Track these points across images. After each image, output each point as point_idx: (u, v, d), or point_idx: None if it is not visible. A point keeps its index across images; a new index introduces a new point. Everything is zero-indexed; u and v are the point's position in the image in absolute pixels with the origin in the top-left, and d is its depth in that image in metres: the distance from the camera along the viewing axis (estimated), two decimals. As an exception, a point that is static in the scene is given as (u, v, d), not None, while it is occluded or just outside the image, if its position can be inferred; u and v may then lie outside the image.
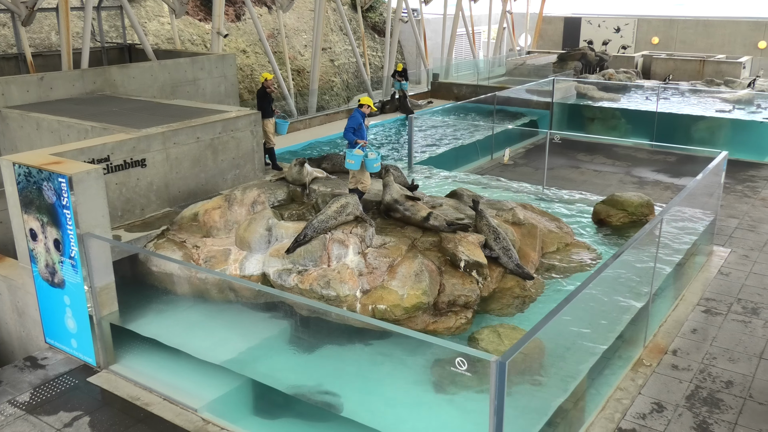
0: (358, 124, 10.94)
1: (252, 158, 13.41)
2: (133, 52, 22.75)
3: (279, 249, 9.67)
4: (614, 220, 12.70)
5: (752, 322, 10.01)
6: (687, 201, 10.81)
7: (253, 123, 13.40)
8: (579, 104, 24.90)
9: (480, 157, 20.03)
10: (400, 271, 9.15)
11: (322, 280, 9.12)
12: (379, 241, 9.78)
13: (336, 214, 9.75)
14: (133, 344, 8.97)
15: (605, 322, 8.62)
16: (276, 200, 11.00)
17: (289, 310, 8.83)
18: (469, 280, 9.41)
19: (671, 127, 21.86)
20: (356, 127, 10.93)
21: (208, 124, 12.57)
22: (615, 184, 17.32)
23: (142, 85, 17.47)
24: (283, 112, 22.28)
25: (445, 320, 9.09)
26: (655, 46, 36.42)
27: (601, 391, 8.23)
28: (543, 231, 11.39)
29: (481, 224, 10.26)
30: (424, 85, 30.73)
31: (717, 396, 8.24)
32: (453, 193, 12.50)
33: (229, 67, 19.68)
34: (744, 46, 34.42)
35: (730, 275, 11.61)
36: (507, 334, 8.42)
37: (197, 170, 12.38)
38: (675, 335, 9.62)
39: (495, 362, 5.47)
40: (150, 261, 10.15)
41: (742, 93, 23.71)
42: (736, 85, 26.55)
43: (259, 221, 10.09)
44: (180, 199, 12.08)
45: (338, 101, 32.93)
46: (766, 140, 19.91)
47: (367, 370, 8.30)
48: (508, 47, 40.33)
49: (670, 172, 18.56)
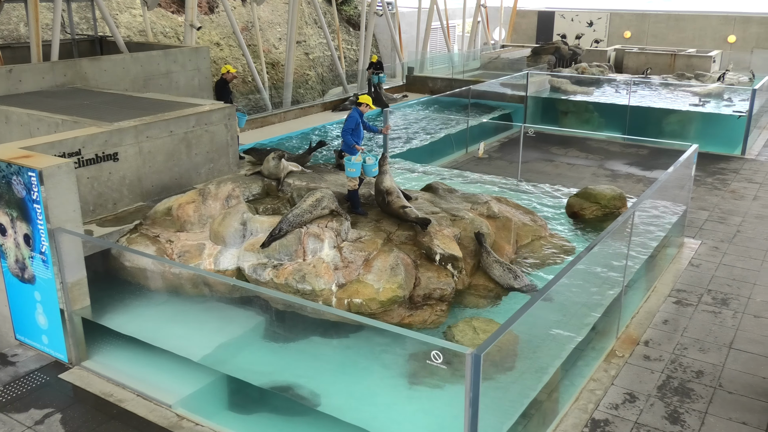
0: (356, 124, 10.42)
1: (226, 152, 13.31)
2: (104, 45, 22.43)
3: (254, 243, 9.61)
4: (587, 212, 12.80)
5: (722, 312, 10.15)
6: (658, 194, 10.92)
7: (228, 116, 13.29)
8: (553, 98, 25.01)
9: (455, 151, 20.07)
10: (376, 265, 9.15)
11: (297, 275, 9.08)
12: (355, 234, 9.76)
13: (311, 207, 9.71)
14: (105, 340, 8.88)
15: (579, 313, 8.68)
16: (251, 194, 10.93)
17: (264, 304, 8.80)
18: (444, 274, 9.43)
19: (643, 121, 22.05)
20: (354, 127, 10.40)
21: (181, 117, 12.45)
22: (588, 177, 17.45)
23: (113, 77, 17.24)
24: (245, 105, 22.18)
25: (420, 314, 9.11)
26: (627, 40, 36.70)
27: (575, 382, 8.30)
28: (517, 224, 11.44)
29: (488, 260, 10.06)
30: (399, 79, 30.68)
31: (688, 386, 8.34)
32: (428, 187, 12.50)
33: (203, 60, 19.49)
34: (714, 41, 34.81)
35: (701, 267, 11.76)
36: (482, 327, 8.46)
37: (171, 164, 12.26)
38: (647, 326, 9.72)
39: (470, 355, 5.50)
40: (123, 256, 10.05)
41: (712, 87, 23.97)
42: (706, 79, 26.84)
43: (234, 215, 10.03)
44: (153, 193, 11.96)
45: (313, 95, 32.79)
46: (736, 133, 20.16)
47: (343, 363, 8.29)
48: (483, 41, 40.40)
49: (642, 165, 18.74)
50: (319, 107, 24.71)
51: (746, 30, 34.05)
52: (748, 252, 12.42)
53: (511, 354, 7.37)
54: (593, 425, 7.64)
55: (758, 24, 33.77)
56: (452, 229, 10.26)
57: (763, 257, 12.18)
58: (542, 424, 7.57)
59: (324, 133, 21.33)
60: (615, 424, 7.65)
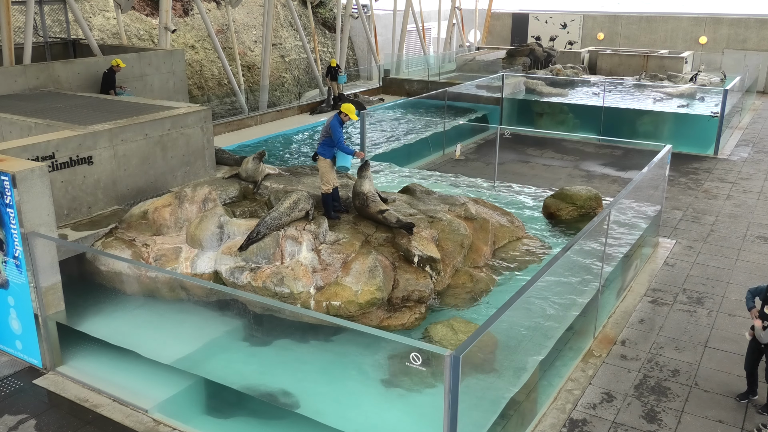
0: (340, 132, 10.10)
1: (202, 155, 13.21)
2: (77, 48, 22.17)
3: (231, 246, 9.55)
4: (564, 213, 12.88)
5: (697, 311, 10.25)
6: (633, 194, 11.01)
7: (203, 119, 13.19)
8: (528, 99, 25.15)
9: (432, 153, 20.09)
10: (354, 267, 9.12)
11: (275, 277, 9.03)
12: (333, 237, 9.73)
13: (288, 210, 9.66)
14: (81, 345, 8.78)
15: (556, 314, 8.72)
16: (227, 197, 10.86)
17: (242, 308, 8.75)
18: (422, 275, 9.43)
19: (617, 122, 22.25)
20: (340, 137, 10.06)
21: (156, 120, 12.33)
22: (564, 178, 17.56)
23: (87, 80, 17.05)
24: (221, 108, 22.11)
25: (399, 316, 9.10)
26: (600, 41, 37.04)
27: (553, 382, 8.33)
28: (495, 225, 11.47)
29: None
30: (375, 81, 30.68)
31: (664, 384, 8.41)
32: (406, 189, 12.49)
33: (178, 62, 19.34)
34: (685, 42, 35.24)
35: (676, 266, 11.87)
36: (460, 329, 8.46)
37: (146, 167, 12.14)
38: (624, 326, 9.79)
39: (449, 356, 5.49)
40: (98, 260, 9.93)
41: (684, 87, 24.24)
42: (678, 80, 27.15)
43: (211, 218, 9.96)
44: (128, 196, 11.84)
45: (289, 97, 32.67)
46: (708, 133, 20.40)
47: (322, 366, 8.26)
48: (458, 43, 40.53)
49: (617, 166, 18.90)
50: (296, 110, 24.64)
51: (717, 31, 34.51)
52: (721, 251, 12.57)
53: (490, 355, 7.38)
54: (571, 425, 7.67)
55: (728, 25, 34.24)
56: (430, 230, 10.26)
57: (737, 256, 12.33)
58: (521, 424, 7.58)
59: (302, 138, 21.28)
60: (593, 424, 7.69)
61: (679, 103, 22.94)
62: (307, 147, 20.19)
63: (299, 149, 19.97)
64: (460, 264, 10.28)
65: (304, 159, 18.67)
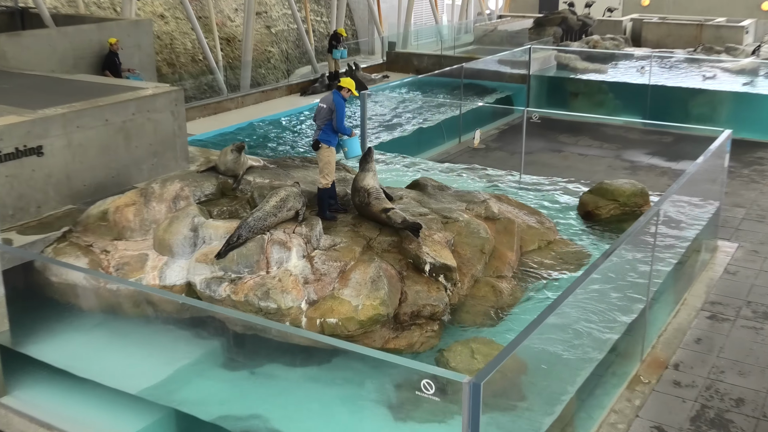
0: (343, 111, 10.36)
1: (173, 144, 13.20)
2: (26, 18, 22.23)
3: (207, 253, 9.52)
4: (604, 212, 12.83)
5: (764, 328, 10.17)
6: (686, 188, 10.92)
7: (174, 102, 13.18)
8: (560, 77, 25.13)
9: (446, 141, 20.08)
10: (354, 278, 9.08)
11: (259, 290, 9.00)
12: (329, 241, 9.69)
13: (275, 209, 9.63)
14: (28, 372, 8.76)
15: (596, 332, 8.66)
16: (203, 194, 10.85)
17: (220, 326, 8.72)
18: (435, 287, 9.38)
19: (667, 103, 22.19)
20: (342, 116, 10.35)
21: (119, 103, 12.33)
22: (603, 170, 17.51)
23: (37, 56, 17.07)
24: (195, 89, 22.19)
25: (408, 335, 9.05)
26: (645, 8, 36.98)
27: (593, 414, 8.26)
28: (521, 227, 11.43)
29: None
30: (378, 56, 30.69)
31: (726, 416, 8.33)
32: (415, 184, 12.46)
33: (144, 35, 19.36)
34: (747, 8, 35.17)
35: (738, 274, 11.79)
36: (481, 350, 8.42)
37: (106, 159, 12.13)
38: (676, 346, 9.72)
39: (468, 383, 5.45)
40: (49, 269, 9.91)
41: (745, 62, 24.18)
42: (738, 53, 27.08)
43: (183, 220, 9.94)
44: (85, 194, 11.83)
45: (276, 75, 32.69)
46: (775, 117, 20.35)
47: (315, 395, 8.23)
48: (477, 11, 40.52)
49: (666, 155, 18.83)
50: (284, 90, 24.66)
51: (784, -4, 34.41)
52: (792, 256, 12.49)
53: (517, 382, 7.33)
54: (615, 465, 7.60)
55: (798, -11, 34.15)
56: (444, 233, 10.21)
57: (810, 262, 12.25)
58: (555, 464, 7.52)
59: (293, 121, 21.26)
60: (641, 464, 7.62)
61: (739, 80, 22.85)
62: (297, 134, 20.18)
63: (288, 137, 19.96)
64: (480, 273, 10.21)
65: (295, 148, 18.66)
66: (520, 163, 16.02)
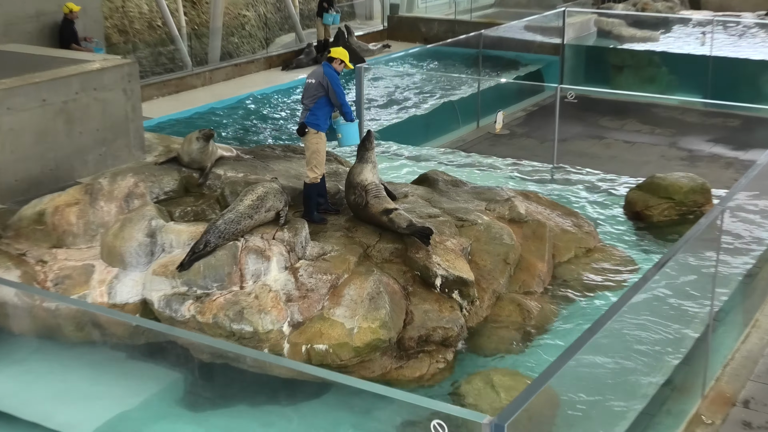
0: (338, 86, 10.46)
1: (126, 130, 13.19)
2: (-56, -25, 22.27)
3: (167, 264, 9.53)
4: (656, 212, 12.88)
5: None
6: (757, 184, 10.92)
7: (127, 78, 13.16)
8: (601, 47, 25.15)
9: (461, 126, 20.06)
10: (348, 294, 9.10)
11: (231, 310, 9.01)
12: (317, 250, 9.71)
13: (251, 210, 9.64)
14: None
15: (646, 362, 8.66)
16: (162, 191, 10.86)
17: (183, 354, 8.72)
18: (448, 306, 9.39)
19: (732, 78, 22.17)
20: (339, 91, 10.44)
21: (59, 79, 12.34)
22: (655, 161, 17.50)
23: (-43, 23, 17.12)
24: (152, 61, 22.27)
25: (414, 364, 9.06)
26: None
27: (643, 462, 8.27)
28: (554, 231, 11.43)
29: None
30: (378, 22, 30.69)
31: (807, 465, 8.32)
32: (424, 178, 12.45)
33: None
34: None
35: (821, 290, 11.79)
36: (504, 384, 8.42)
37: (43, 148, 12.14)
38: (746, 378, 9.69)
39: (489, 424, 5.44)
40: (-28, 285, 9.91)
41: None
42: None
43: (137, 223, 9.93)
44: (17, 191, 11.83)
45: (253, 45, 32.65)
46: None
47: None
48: (499, -35, 40.54)
49: (732, 143, 18.82)
50: (262, 63, 24.70)
51: None
52: None
53: (548, 422, 7.33)
54: None
55: None
56: (459, 239, 10.22)
57: None
58: None
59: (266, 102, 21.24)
60: None
61: None
62: (279, 118, 20.17)
63: (267, 121, 19.95)
64: (503, 288, 10.24)
65: (275, 135, 18.65)
66: (553, 152, 16.03)
